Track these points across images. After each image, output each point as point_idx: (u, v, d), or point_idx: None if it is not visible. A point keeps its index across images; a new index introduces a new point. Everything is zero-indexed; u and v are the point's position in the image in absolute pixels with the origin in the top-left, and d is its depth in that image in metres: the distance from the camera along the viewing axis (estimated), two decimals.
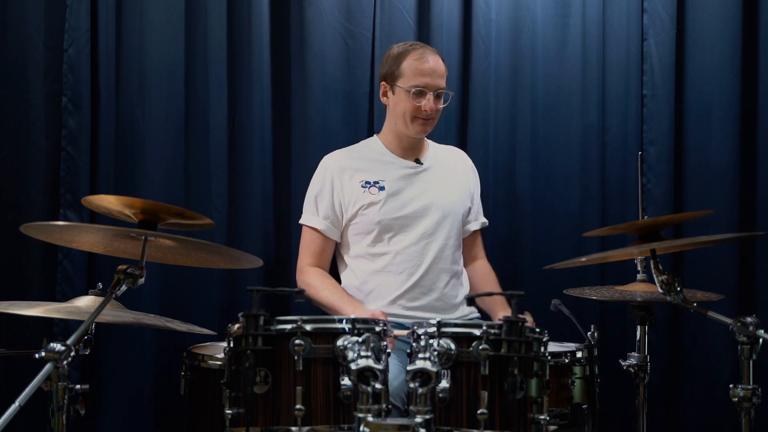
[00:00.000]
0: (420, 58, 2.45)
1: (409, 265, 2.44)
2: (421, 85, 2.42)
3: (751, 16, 3.02)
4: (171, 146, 2.82)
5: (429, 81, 2.42)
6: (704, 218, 2.47)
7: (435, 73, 2.44)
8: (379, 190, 2.47)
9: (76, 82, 2.73)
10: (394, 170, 2.51)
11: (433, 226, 2.47)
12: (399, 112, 2.48)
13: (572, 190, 3.01)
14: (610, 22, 3.05)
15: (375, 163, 2.53)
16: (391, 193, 2.47)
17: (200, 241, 1.85)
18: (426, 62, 2.44)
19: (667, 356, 2.99)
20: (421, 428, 1.56)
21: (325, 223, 2.51)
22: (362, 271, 2.49)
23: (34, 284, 2.70)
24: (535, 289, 2.73)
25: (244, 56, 2.88)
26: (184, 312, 2.64)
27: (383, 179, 2.49)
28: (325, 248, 2.53)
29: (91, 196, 1.91)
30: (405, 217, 2.46)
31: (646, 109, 3.03)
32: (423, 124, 2.46)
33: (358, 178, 2.50)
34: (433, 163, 2.57)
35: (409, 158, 2.54)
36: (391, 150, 2.55)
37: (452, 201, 2.53)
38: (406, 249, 2.45)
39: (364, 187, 2.48)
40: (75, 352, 1.63)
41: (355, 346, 1.67)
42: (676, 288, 1.87)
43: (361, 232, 2.48)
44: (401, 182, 2.49)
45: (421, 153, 2.57)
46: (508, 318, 1.71)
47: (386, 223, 2.45)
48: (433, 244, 2.46)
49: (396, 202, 2.47)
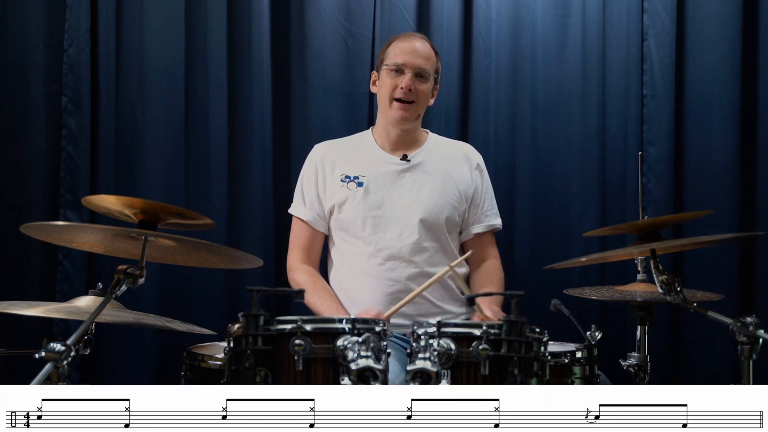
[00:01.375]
0: (404, 40, 2.45)
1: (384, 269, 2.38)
2: (399, 62, 2.39)
3: (751, 16, 3.02)
4: (171, 146, 2.83)
5: (408, 59, 2.39)
6: (704, 218, 2.46)
7: (415, 52, 2.41)
8: (357, 186, 2.41)
9: (76, 82, 2.73)
10: (377, 166, 2.44)
11: (411, 228, 2.39)
12: (381, 96, 2.46)
13: (572, 190, 3.01)
14: (610, 22, 3.05)
15: (360, 157, 2.47)
16: (368, 190, 2.40)
17: (200, 241, 1.85)
18: (408, 43, 2.43)
19: (667, 356, 2.99)
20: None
21: (311, 214, 2.46)
22: (346, 270, 2.44)
23: (34, 284, 2.70)
24: (535, 289, 2.73)
25: (244, 56, 2.88)
26: (184, 312, 2.64)
27: (364, 174, 2.42)
28: (313, 241, 2.48)
29: (91, 196, 1.90)
30: (380, 216, 2.39)
31: (646, 109, 3.03)
32: (401, 108, 2.39)
33: (340, 171, 2.44)
34: (426, 159, 2.48)
35: (397, 153, 2.47)
36: (379, 144, 2.50)
37: (433, 202, 2.42)
38: (382, 251, 2.38)
39: (343, 182, 2.42)
40: (75, 352, 1.62)
41: (355, 346, 1.67)
42: (676, 288, 1.87)
43: (340, 228, 2.44)
44: (382, 179, 2.42)
45: (413, 148, 2.49)
46: (508, 318, 1.71)
47: (360, 221, 2.38)
48: (412, 247, 2.38)
49: (372, 199, 2.40)
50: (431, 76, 2.45)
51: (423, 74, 2.41)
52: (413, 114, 2.44)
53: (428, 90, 2.44)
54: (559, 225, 3.00)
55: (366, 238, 2.41)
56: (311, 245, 2.49)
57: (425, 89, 2.42)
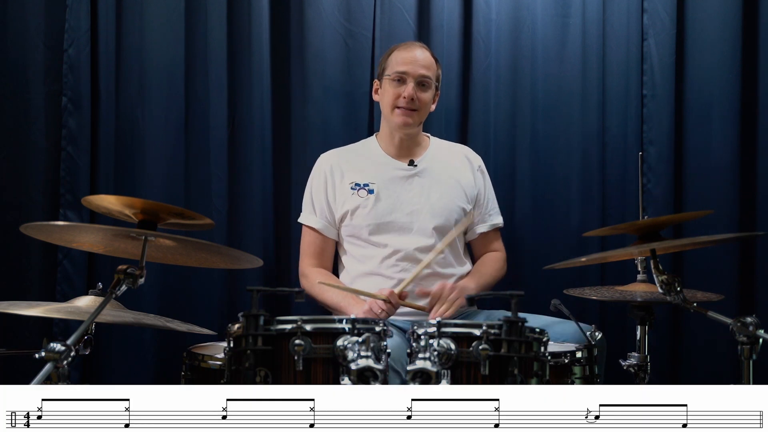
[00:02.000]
0: (405, 49, 2.50)
1: (397, 269, 2.43)
2: (401, 71, 2.44)
3: (751, 16, 3.02)
4: (171, 146, 2.83)
5: (410, 68, 2.45)
6: (704, 218, 2.46)
7: (417, 62, 2.46)
8: (368, 193, 2.46)
9: (76, 82, 2.73)
10: (385, 172, 2.50)
11: (423, 231, 2.46)
12: (383, 104, 2.51)
13: (572, 190, 3.01)
14: (610, 22, 3.04)
15: (367, 164, 2.52)
16: (379, 197, 2.45)
17: (200, 241, 1.85)
18: (409, 52, 2.48)
19: (667, 356, 2.99)
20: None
21: (322, 222, 2.51)
22: (355, 272, 2.50)
23: (34, 284, 2.70)
24: (535, 289, 2.73)
25: (244, 56, 2.88)
26: (184, 312, 2.64)
27: (373, 182, 2.48)
28: (324, 248, 2.54)
29: (91, 196, 1.90)
30: (392, 222, 2.44)
31: (646, 109, 3.03)
32: (404, 114, 2.44)
33: (349, 179, 2.50)
34: (430, 164, 2.55)
35: (404, 159, 2.53)
36: (385, 150, 2.54)
37: (443, 205, 2.49)
38: (395, 254, 2.44)
39: (354, 190, 2.47)
40: (75, 352, 1.62)
41: (355, 346, 1.67)
42: (676, 288, 1.87)
43: (351, 235, 2.49)
44: (391, 185, 2.48)
45: (418, 153, 2.55)
46: (509, 318, 1.71)
47: (374, 228, 2.44)
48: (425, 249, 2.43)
49: (384, 206, 2.45)
50: (432, 84, 2.51)
51: (424, 83, 2.47)
52: (416, 120, 2.50)
53: (430, 97, 2.51)
54: (559, 225, 2.99)
55: (379, 243, 2.46)
56: (323, 252, 2.55)
57: (427, 97, 2.49)
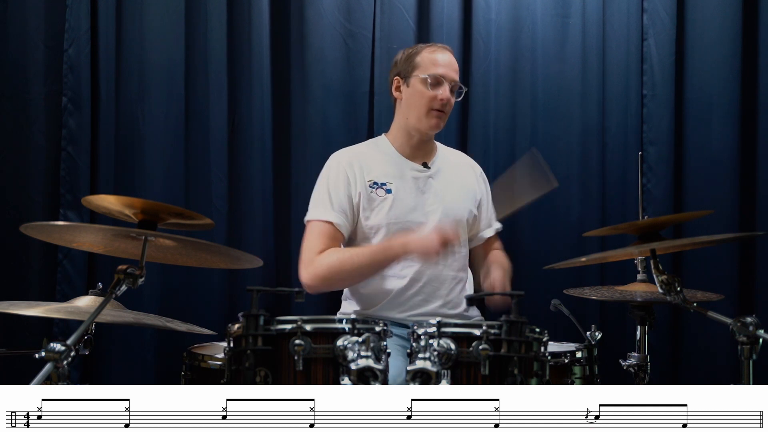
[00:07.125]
0: (436, 51, 2.46)
1: (412, 271, 2.39)
2: (438, 74, 2.40)
3: (751, 16, 3.02)
4: (171, 146, 2.83)
5: (446, 72, 2.42)
6: (704, 218, 2.47)
7: (450, 66, 2.45)
8: (386, 193, 2.42)
9: (76, 82, 2.73)
10: (401, 173, 2.45)
11: None
12: (413, 104, 2.43)
13: (572, 190, 3.01)
14: (610, 22, 3.05)
15: (383, 164, 2.46)
16: (397, 197, 2.42)
17: (200, 241, 1.85)
18: (443, 54, 2.45)
19: (667, 356, 2.99)
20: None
21: (340, 217, 2.37)
22: None
23: (34, 284, 2.70)
24: (535, 289, 2.73)
25: (244, 56, 2.88)
26: (184, 312, 2.63)
27: (390, 182, 2.43)
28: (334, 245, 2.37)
29: (91, 196, 1.90)
30: (410, 222, 2.40)
31: (646, 109, 3.03)
32: (438, 116, 2.41)
33: (367, 177, 2.42)
34: (441, 167, 2.51)
35: (417, 161, 2.48)
36: (399, 151, 2.49)
37: (458, 207, 2.47)
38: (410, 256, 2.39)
39: (372, 188, 2.41)
40: (75, 352, 1.62)
41: (355, 346, 1.67)
42: (676, 288, 1.87)
43: (367, 235, 2.42)
44: (408, 186, 2.44)
45: (430, 156, 2.52)
46: (508, 318, 1.71)
47: (391, 227, 2.39)
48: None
49: (402, 206, 2.41)
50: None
51: (454, 88, 2.45)
52: (444, 123, 2.47)
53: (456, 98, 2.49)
54: (559, 225, 3.00)
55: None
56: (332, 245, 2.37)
57: (453, 102, 2.47)
